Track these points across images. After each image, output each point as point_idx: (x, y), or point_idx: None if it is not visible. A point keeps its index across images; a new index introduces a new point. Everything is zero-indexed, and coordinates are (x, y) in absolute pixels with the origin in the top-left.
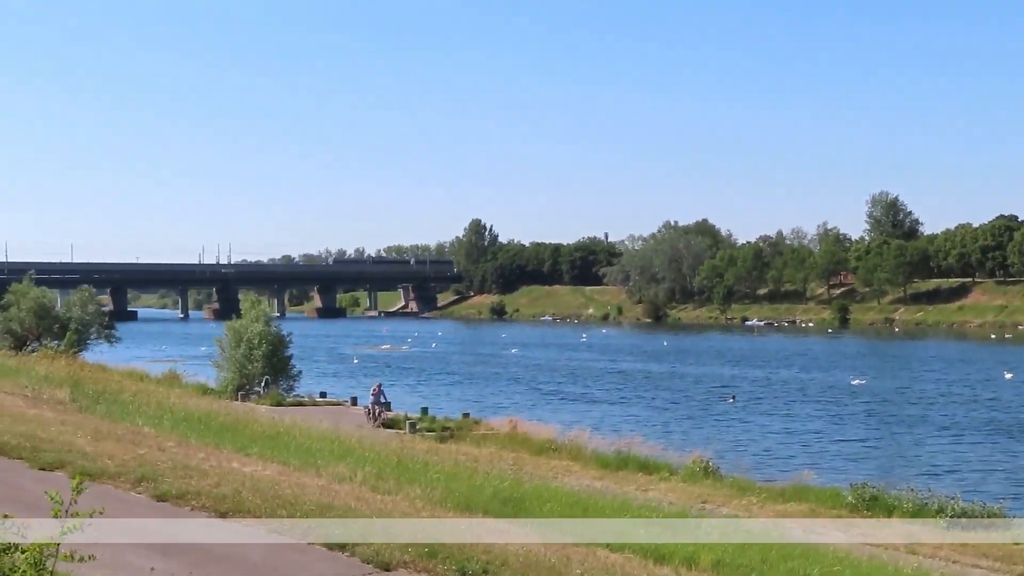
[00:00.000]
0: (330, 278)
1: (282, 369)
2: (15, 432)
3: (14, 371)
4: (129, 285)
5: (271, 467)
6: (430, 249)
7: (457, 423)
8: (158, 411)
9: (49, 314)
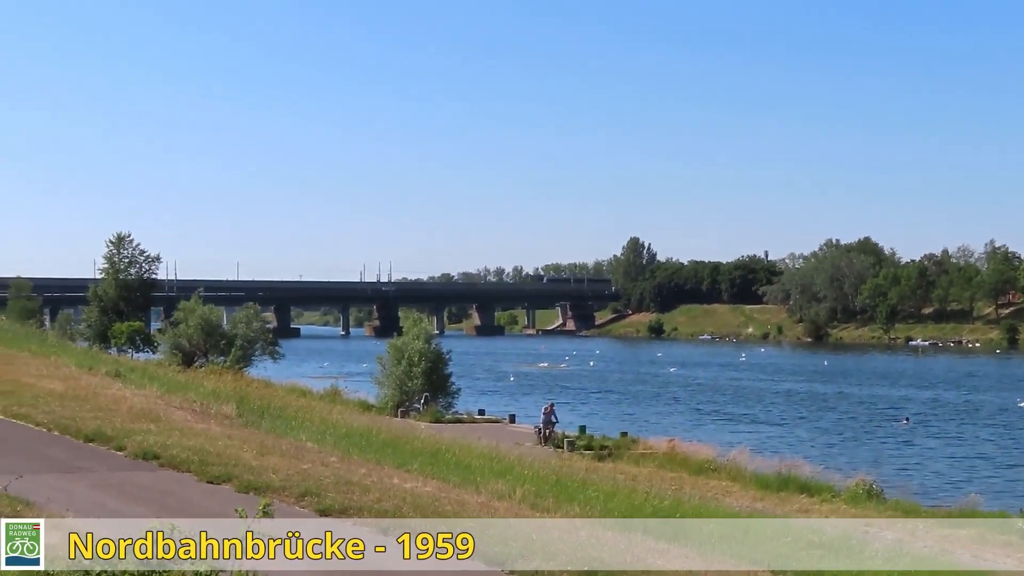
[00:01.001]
0: (488, 296)
1: (441, 386)
2: (184, 446)
3: (183, 386)
4: (292, 303)
5: (431, 483)
6: (588, 267)
7: (615, 442)
8: (321, 427)
9: (216, 331)
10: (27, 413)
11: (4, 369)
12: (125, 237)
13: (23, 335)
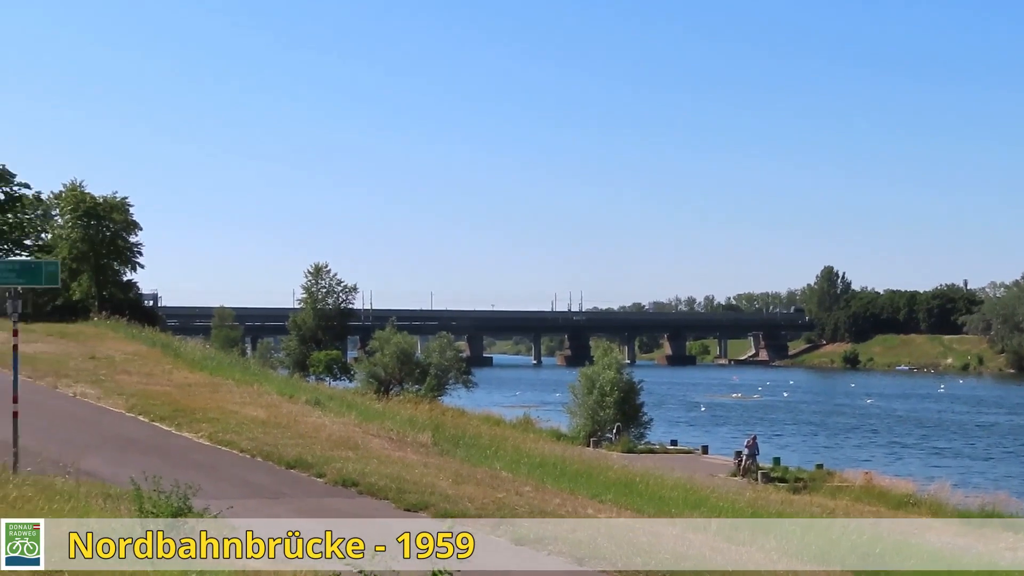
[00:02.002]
0: (680, 325)
1: (633, 416)
2: (382, 473)
3: (380, 414)
4: (484, 332)
5: (625, 514)
6: (780, 297)
7: (810, 474)
8: (514, 455)
9: (410, 359)
10: (232, 440)
11: (210, 397)
12: (323, 268)
13: (227, 363)
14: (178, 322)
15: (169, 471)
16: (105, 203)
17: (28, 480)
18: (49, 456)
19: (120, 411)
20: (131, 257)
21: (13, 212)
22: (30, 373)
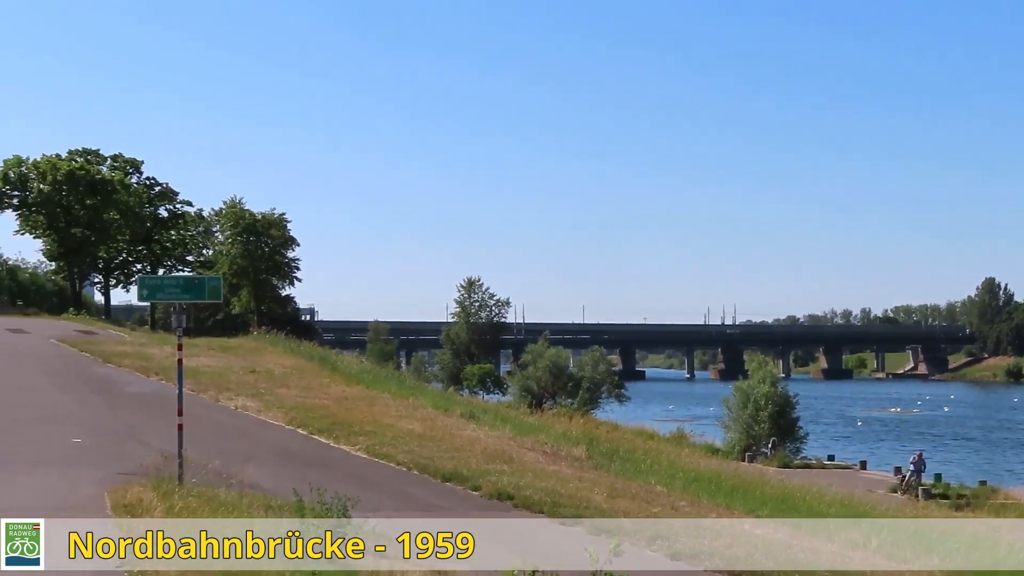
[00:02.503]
0: (836, 339)
1: (789, 431)
2: (537, 487)
3: (534, 428)
4: (637, 345)
5: (782, 530)
6: (939, 309)
7: (973, 491)
8: (669, 470)
9: (563, 373)
10: (389, 452)
11: (367, 410)
12: (476, 282)
13: (383, 377)
14: (334, 336)
15: (328, 483)
16: (264, 219)
17: (193, 491)
18: (213, 468)
19: (280, 424)
20: (289, 272)
21: (176, 229)
22: (193, 386)
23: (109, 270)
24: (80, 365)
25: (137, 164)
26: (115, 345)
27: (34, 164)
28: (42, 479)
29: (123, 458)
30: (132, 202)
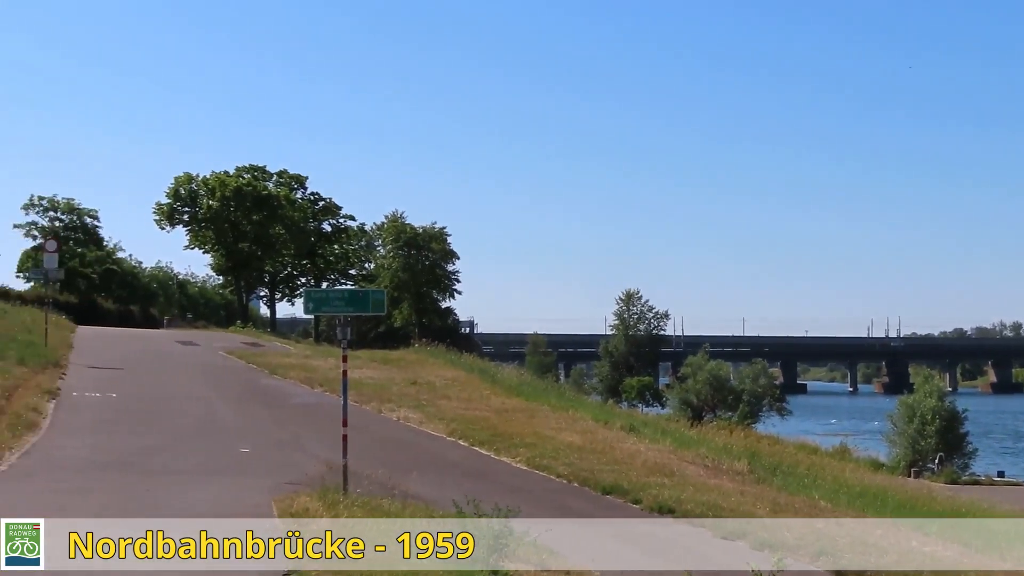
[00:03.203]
0: (1005, 352)
1: (956, 446)
2: (698, 501)
3: (694, 441)
4: (798, 358)
5: (952, 548)
6: None
7: None
8: (833, 485)
9: (723, 386)
10: (549, 464)
11: (527, 422)
12: (635, 294)
13: (542, 389)
14: (493, 348)
15: (489, 494)
16: (424, 233)
17: (357, 501)
18: (376, 478)
19: (441, 435)
20: (449, 285)
21: (339, 243)
22: (356, 398)
23: (274, 283)
24: (247, 377)
25: (302, 180)
26: (280, 357)
27: (203, 181)
28: (212, 489)
29: (289, 468)
30: (297, 217)
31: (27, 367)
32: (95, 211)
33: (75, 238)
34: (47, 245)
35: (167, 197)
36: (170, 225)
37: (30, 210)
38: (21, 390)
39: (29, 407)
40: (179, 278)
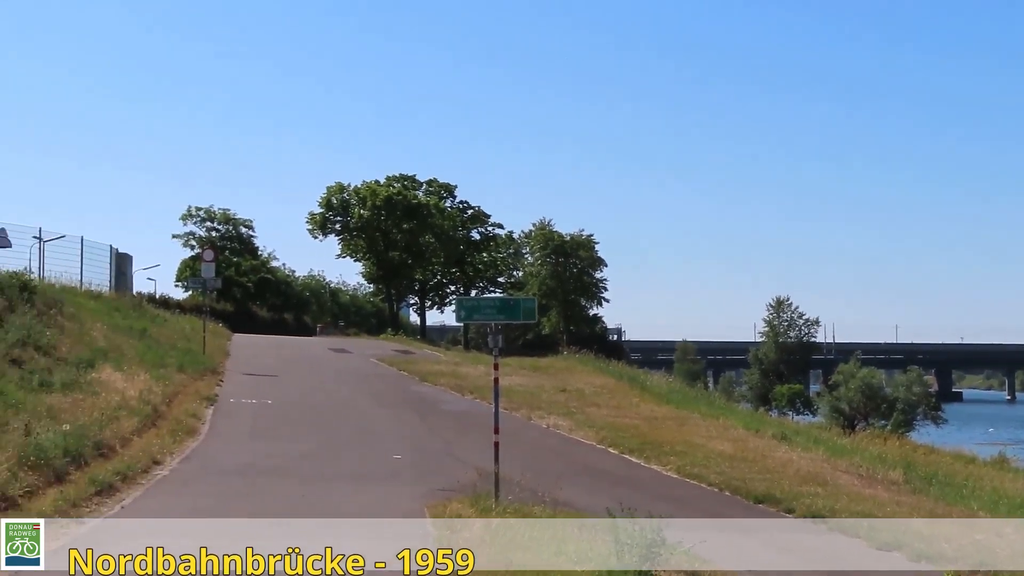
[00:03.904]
0: None
1: None
2: (852, 511)
3: (848, 450)
4: (953, 366)
5: None
6: None
7: None
8: (992, 495)
9: (876, 394)
10: (700, 473)
11: (677, 430)
12: (784, 301)
13: (692, 397)
14: (641, 356)
15: (640, 502)
16: (572, 240)
17: (509, 508)
18: (527, 485)
19: (591, 443)
20: (597, 292)
21: (488, 251)
22: (505, 405)
23: (424, 291)
24: (398, 383)
25: (450, 188)
26: (431, 364)
27: (355, 190)
28: (365, 494)
29: (440, 474)
30: (446, 225)
31: (186, 374)
32: (250, 221)
33: (231, 248)
34: (204, 255)
35: (319, 207)
36: (322, 234)
37: (188, 220)
38: (181, 396)
39: (189, 413)
40: (331, 286)
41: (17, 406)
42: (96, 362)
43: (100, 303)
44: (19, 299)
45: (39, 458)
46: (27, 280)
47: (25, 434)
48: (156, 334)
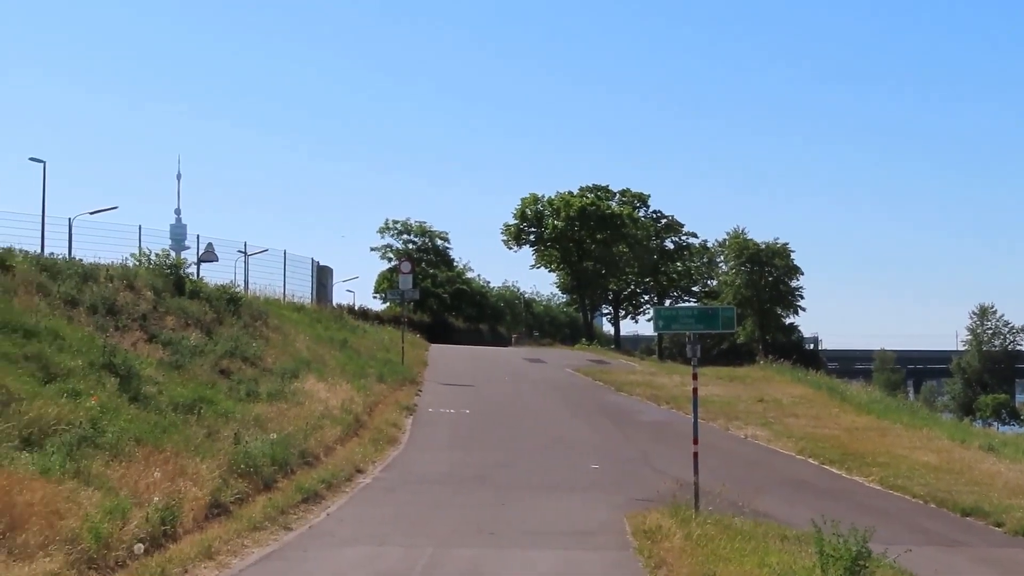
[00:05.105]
0: None
1: None
2: None
3: None
4: None
5: None
6: None
7: None
8: None
9: None
10: (903, 485)
11: (878, 441)
12: (989, 309)
13: (893, 407)
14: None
15: (841, 514)
16: (767, 249)
17: (709, 519)
18: (726, 496)
19: (790, 453)
20: (793, 301)
21: (682, 260)
22: (702, 415)
23: (618, 301)
24: (594, 393)
25: (644, 198)
26: (626, 374)
27: (549, 201)
28: (563, 504)
29: (638, 484)
30: (640, 235)
31: (386, 384)
32: (446, 233)
33: (427, 259)
34: (402, 266)
35: (514, 218)
36: (517, 245)
37: (385, 233)
38: (381, 406)
39: (389, 422)
40: (525, 297)
41: (227, 415)
42: (300, 372)
43: (302, 315)
44: (227, 311)
45: (248, 466)
46: (234, 293)
47: (235, 442)
48: (356, 345)
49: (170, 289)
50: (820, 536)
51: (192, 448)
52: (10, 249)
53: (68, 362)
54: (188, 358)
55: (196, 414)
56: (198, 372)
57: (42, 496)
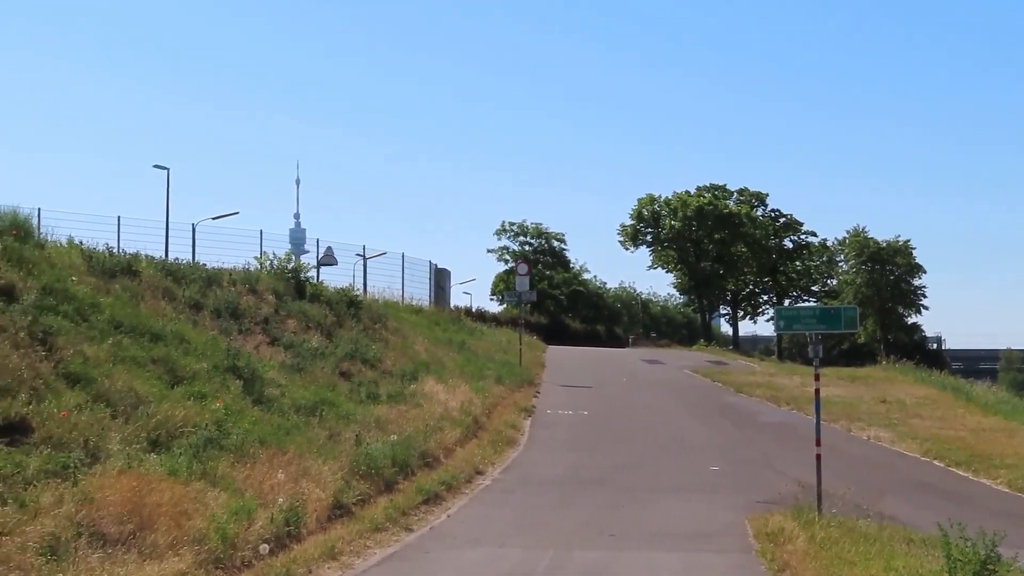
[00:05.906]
0: None
1: None
2: None
3: None
4: None
5: None
6: None
7: None
8: None
9: None
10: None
11: (1006, 442)
12: None
13: (1021, 408)
14: (962, 365)
15: (969, 517)
16: (888, 247)
17: (832, 522)
18: (849, 498)
19: (914, 455)
20: (915, 300)
21: (801, 260)
22: (824, 416)
23: (736, 301)
24: (713, 394)
25: (762, 197)
26: (745, 375)
27: (666, 201)
28: (684, 506)
29: (759, 486)
30: (758, 235)
31: (504, 385)
32: (562, 234)
33: (544, 261)
34: (519, 268)
35: (631, 219)
36: (633, 246)
37: (502, 235)
38: (500, 408)
39: (508, 424)
40: (642, 298)
41: (348, 417)
42: (419, 374)
43: (421, 317)
44: (347, 314)
45: (369, 467)
46: (353, 296)
47: (356, 444)
48: (474, 347)
49: (291, 293)
50: (947, 540)
51: (314, 450)
52: (137, 254)
53: (193, 365)
54: (309, 361)
55: (318, 416)
56: (319, 375)
57: (170, 497)
